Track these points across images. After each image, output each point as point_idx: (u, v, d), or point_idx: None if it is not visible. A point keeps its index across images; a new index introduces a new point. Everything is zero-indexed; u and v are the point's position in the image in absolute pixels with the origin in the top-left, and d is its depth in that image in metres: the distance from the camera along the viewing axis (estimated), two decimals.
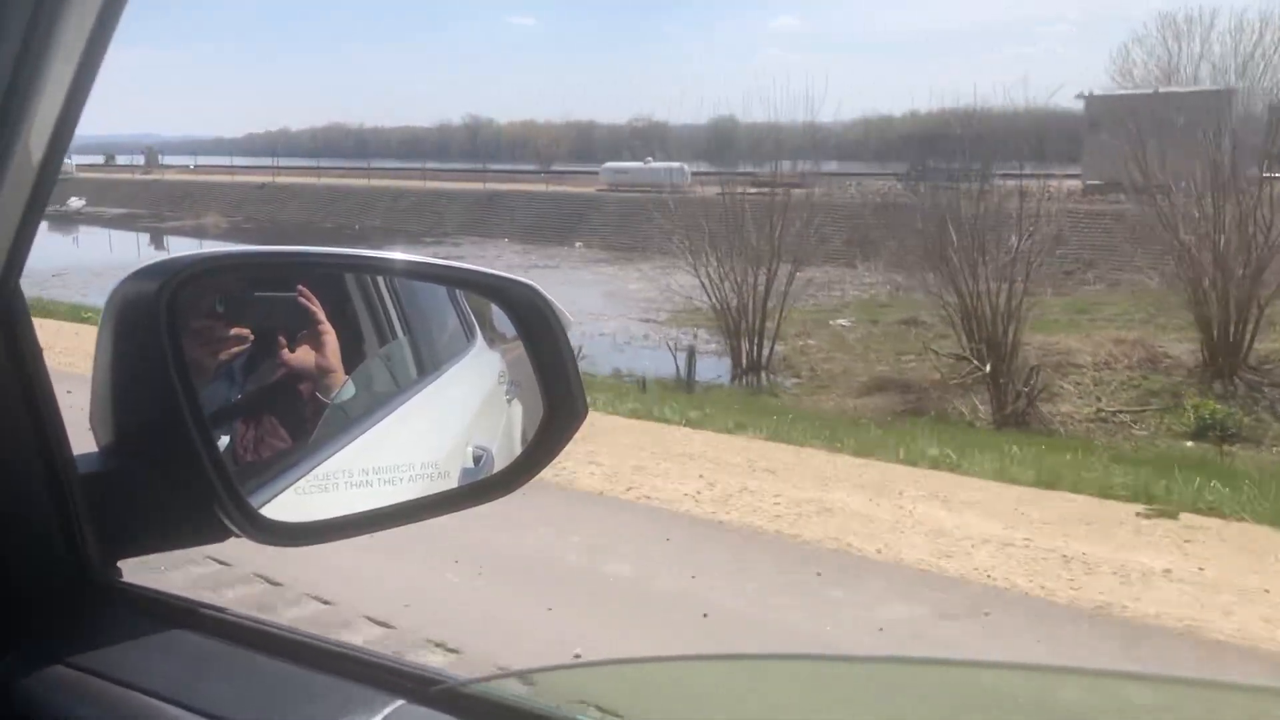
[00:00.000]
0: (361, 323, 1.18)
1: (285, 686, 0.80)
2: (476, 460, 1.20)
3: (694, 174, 34.27)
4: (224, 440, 0.98)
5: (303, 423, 1.04)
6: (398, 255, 1.11)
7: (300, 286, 1.03)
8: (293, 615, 5.03)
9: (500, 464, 1.16)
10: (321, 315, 1.05)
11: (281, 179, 66.72)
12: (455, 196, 55.98)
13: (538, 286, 1.08)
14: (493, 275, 1.12)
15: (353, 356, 1.10)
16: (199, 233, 52.94)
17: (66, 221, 55.13)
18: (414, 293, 1.28)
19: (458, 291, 1.33)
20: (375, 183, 63.15)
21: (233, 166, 78.51)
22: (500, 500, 1.09)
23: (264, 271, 1.07)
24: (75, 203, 61.26)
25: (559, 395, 1.08)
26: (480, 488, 1.10)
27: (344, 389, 1.08)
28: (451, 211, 53.85)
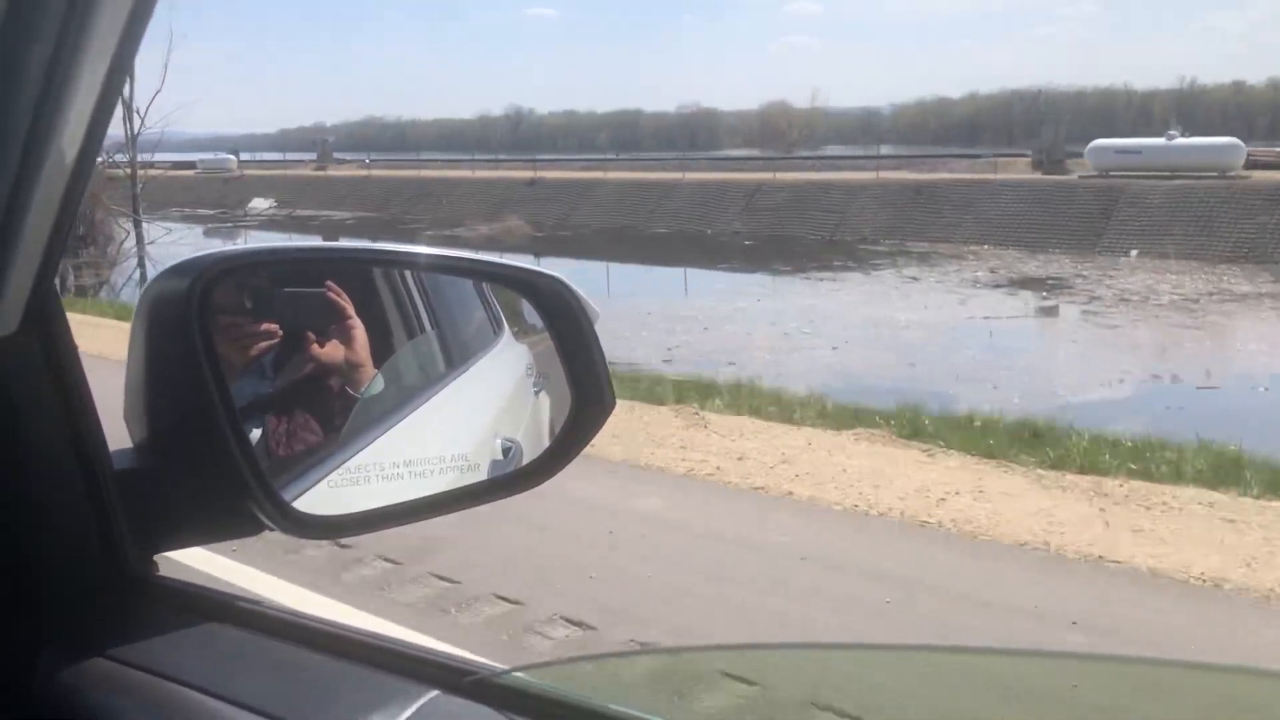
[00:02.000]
0: (389, 317, 1.19)
1: (321, 678, 0.81)
2: (505, 452, 1.20)
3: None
4: (256, 435, 0.99)
5: (333, 417, 1.05)
6: (424, 249, 1.12)
7: (328, 281, 1.04)
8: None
9: (529, 456, 1.17)
10: (350, 310, 1.05)
11: (452, 173, 59.96)
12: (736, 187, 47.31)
13: (565, 279, 1.08)
14: (519, 268, 1.12)
15: (381, 351, 1.11)
16: (495, 243, 42.99)
17: (269, 227, 48.75)
18: (441, 286, 1.28)
19: (485, 285, 1.34)
20: (556, 174, 55.96)
21: (401, 160, 71.75)
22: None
23: (293, 267, 1.08)
24: (260, 204, 54.05)
25: (587, 388, 1.08)
26: (511, 479, 1.11)
27: (373, 383, 1.09)
28: (858, 207, 42.60)
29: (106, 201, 33.67)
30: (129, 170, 35.06)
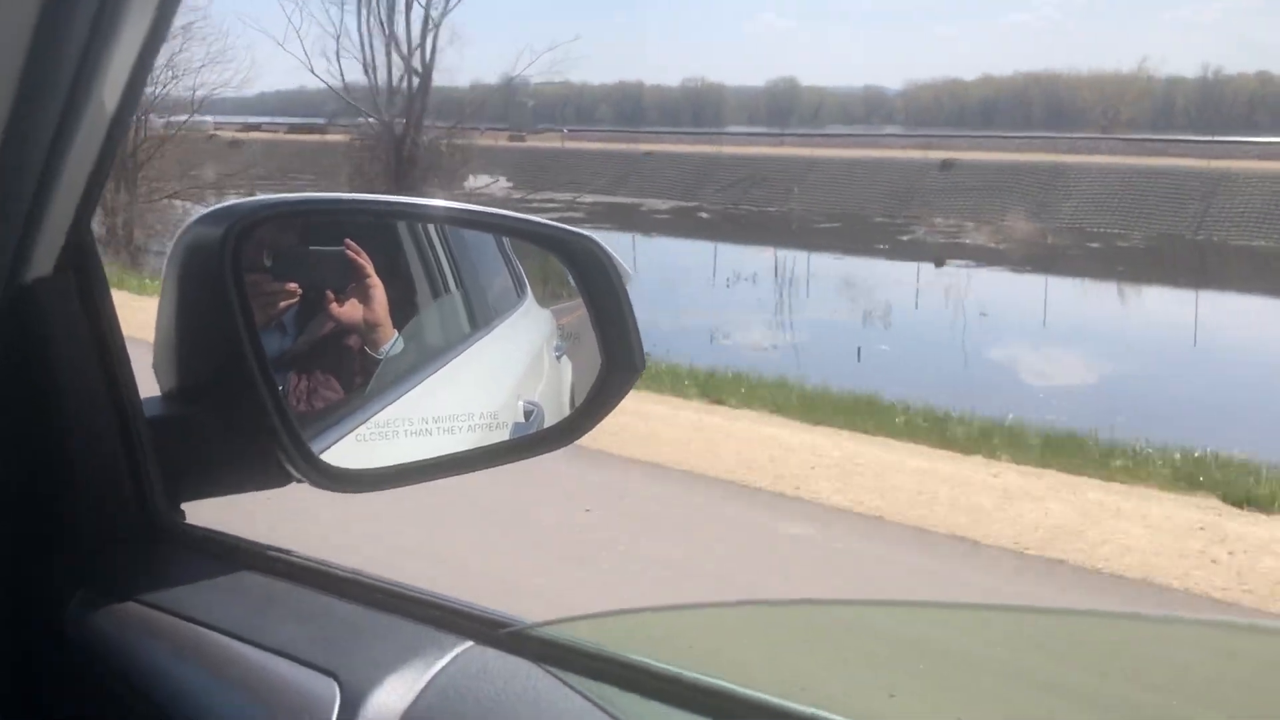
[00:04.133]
0: (415, 275, 1.19)
1: (353, 627, 0.81)
2: (527, 415, 1.20)
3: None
4: (280, 389, 1.00)
5: (354, 375, 1.05)
6: (455, 204, 1.12)
7: (348, 240, 1.03)
8: None
9: (550, 421, 1.17)
10: (369, 269, 1.05)
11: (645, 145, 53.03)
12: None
13: (597, 239, 1.08)
14: (552, 226, 1.12)
15: (406, 309, 1.11)
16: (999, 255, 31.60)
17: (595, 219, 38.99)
18: (466, 247, 1.28)
19: (509, 248, 1.34)
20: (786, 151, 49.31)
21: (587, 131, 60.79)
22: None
23: (326, 217, 1.07)
24: (485, 181, 42.74)
25: (618, 350, 1.08)
26: (538, 439, 1.11)
27: (394, 343, 1.09)
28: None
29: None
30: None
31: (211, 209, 0.97)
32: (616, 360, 1.08)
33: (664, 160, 50.41)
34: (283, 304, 1.00)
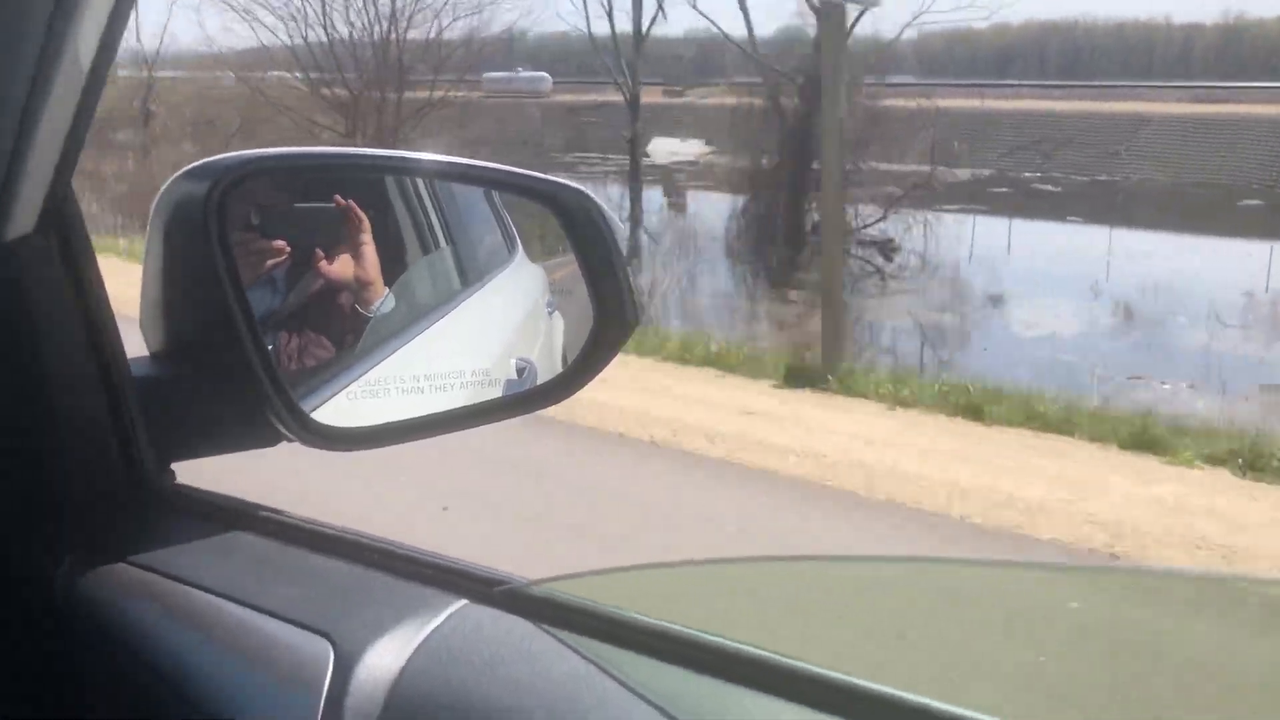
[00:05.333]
0: (404, 231, 1.17)
1: (346, 586, 0.81)
2: (520, 372, 1.19)
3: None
4: (269, 349, 0.98)
5: (344, 334, 1.04)
6: (444, 158, 1.10)
7: (336, 196, 1.02)
8: None
9: (543, 378, 1.16)
10: (361, 225, 1.04)
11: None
12: None
13: (589, 192, 1.06)
14: (544, 180, 1.10)
15: (395, 265, 1.09)
16: None
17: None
18: (455, 203, 1.26)
19: (499, 203, 1.32)
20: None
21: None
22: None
23: (312, 172, 1.06)
24: (673, 146, 35.56)
25: (610, 304, 1.07)
26: (530, 396, 1.10)
27: (384, 300, 1.07)
28: None
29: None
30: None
31: (195, 164, 0.95)
32: (610, 314, 1.07)
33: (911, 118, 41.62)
34: (270, 262, 0.99)
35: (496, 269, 1.32)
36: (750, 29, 25.54)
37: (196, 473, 1.00)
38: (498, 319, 1.29)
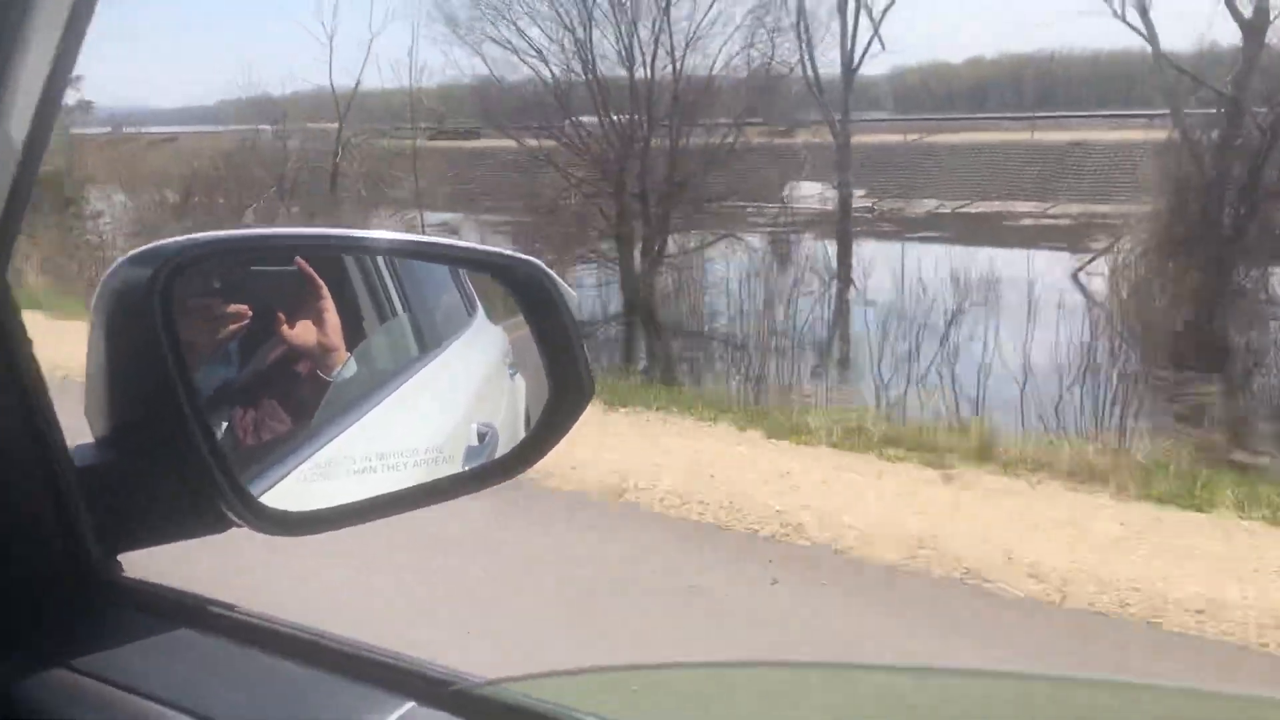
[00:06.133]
0: (360, 301, 1.16)
1: (294, 688, 0.79)
2: (481, 437, 1.18)
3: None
4: (223, 425, 0.96)
5: (303, 403, 1.02)
6: (397, 235, 1.09)
7: (299, 259, 1.00)
8: None
9: (505, 440, 1.14)
10: (323, 289, 1.02)
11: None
12: None
13: (541, 263, 1.05)
14: (494, 253, 1.09)
15: (353, 335, 1.08)
16: None
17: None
18: (413, 268, 1.25)
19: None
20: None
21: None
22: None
23: (259, 255, 1.04)
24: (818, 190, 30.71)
25: (566, 375, 1.06)
26: (486, 471, 1.08)
27: (345, 367, 1.06)
28: None
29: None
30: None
31: (139, 249, 0.94)
32: (566, 385, 1.05)
33: (986, 151, 39.17)
34: (234, 326, 0.97)
35: (456, 333, 1.30)
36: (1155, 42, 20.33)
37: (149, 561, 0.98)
38: (456, 386, 1.28)
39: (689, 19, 21.90)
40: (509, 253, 1.08)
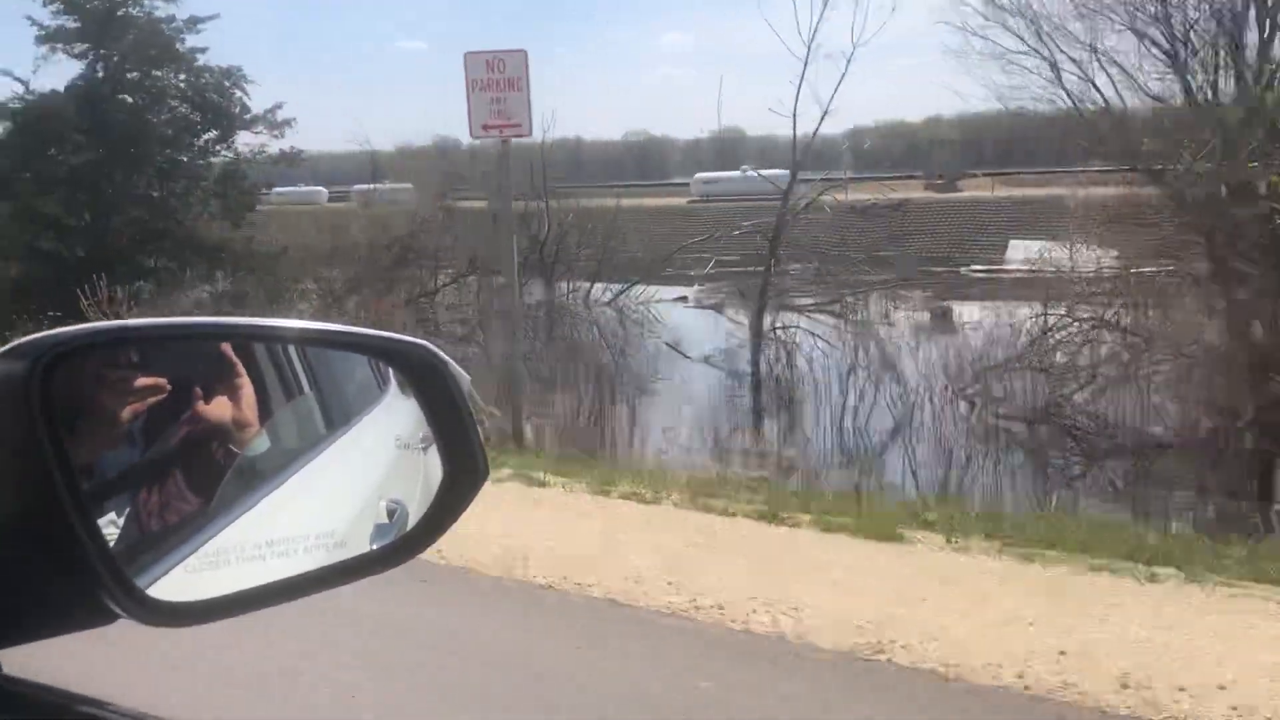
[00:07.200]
0: (267, 379, 1.15)
1: None
2: (390, 514, 1.17)
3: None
4: (126, 509, 0.96)
5: (213, 482, 1.01)
6: (290, 322, 1.09)
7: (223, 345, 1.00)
8: None
9: (415, 516, 1.14)
10: (239, 366, 1.02)
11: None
12: None
13: (431, 346, 1.05)
14: (385, 338, 1.09)
15: (261, 415, 1.08)
16: None
17: None
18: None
19: None
20: None
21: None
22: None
23: (145, 345, 1.04)
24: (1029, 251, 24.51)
25: (460, 457, 1.06)
26: (378, 556, 1.08)
27: (256, 443, 1.05)
28: None
29: None
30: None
31: (15, 342, 0.94)
32: (460, 468, 1.06)
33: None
34: (151, 400, 0.97)
35: (366, 409, 1.30)
36: None
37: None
38: (363, 466, 1.27)
39: None
40: (400, 336, 1.08)
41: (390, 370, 1.32)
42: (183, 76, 24.67)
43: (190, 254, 23.70)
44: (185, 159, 25.04)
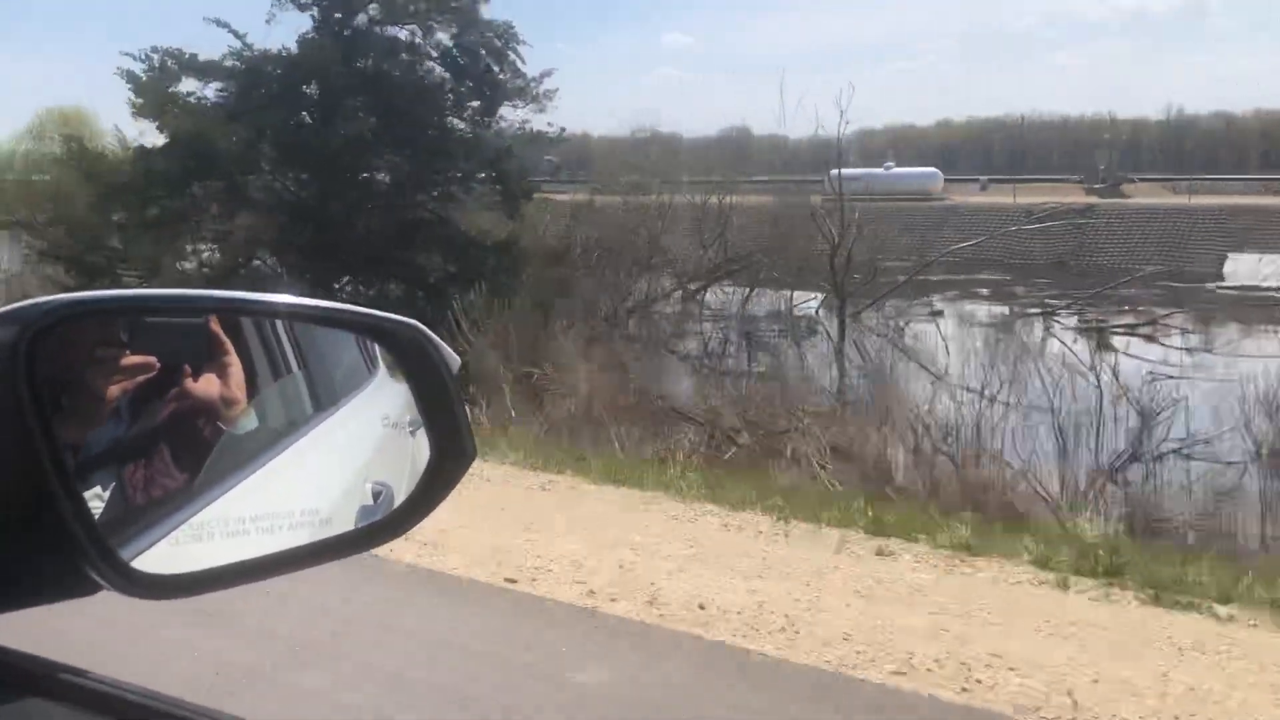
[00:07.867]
0: (255, 358, 1.15)
1: None
2: (375, 496, 1.17)
3: None
4: (112, 483, 0.96)
5: (199, 459, 1.01)
6: (278, 297, 1.08)
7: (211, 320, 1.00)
8: None
9: (401, 498, 1.14)
10: (228, 343, 1.02)
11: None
12: None
13: (422, 326, 1.05)
14: (374, 315, 1.09)
15: (248, 393, 1.07)
16: None
17: None
18: (309, 324, 1.25)
19: None
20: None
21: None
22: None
23: (136, 315, 1.03)
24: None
25: (448, 439, 1.06)
26: (363, 534, 1.08)
27: (244, 420, 1.05)
28: None
29: None
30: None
31: (7, 308, 0.93)
32: (447, 450, 1.05)
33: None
34: (142, 378, 0.97)
35: (355, 390, 1.29)
36: None
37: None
38: (350, 446, 1.27)
39: None
40: (389, 315, 1.08)
41: (379, 353, 1.32)
42: (453, 30, 19.76)
43: (474, 252, 19.39)
44: (467, 133, 20.26)
